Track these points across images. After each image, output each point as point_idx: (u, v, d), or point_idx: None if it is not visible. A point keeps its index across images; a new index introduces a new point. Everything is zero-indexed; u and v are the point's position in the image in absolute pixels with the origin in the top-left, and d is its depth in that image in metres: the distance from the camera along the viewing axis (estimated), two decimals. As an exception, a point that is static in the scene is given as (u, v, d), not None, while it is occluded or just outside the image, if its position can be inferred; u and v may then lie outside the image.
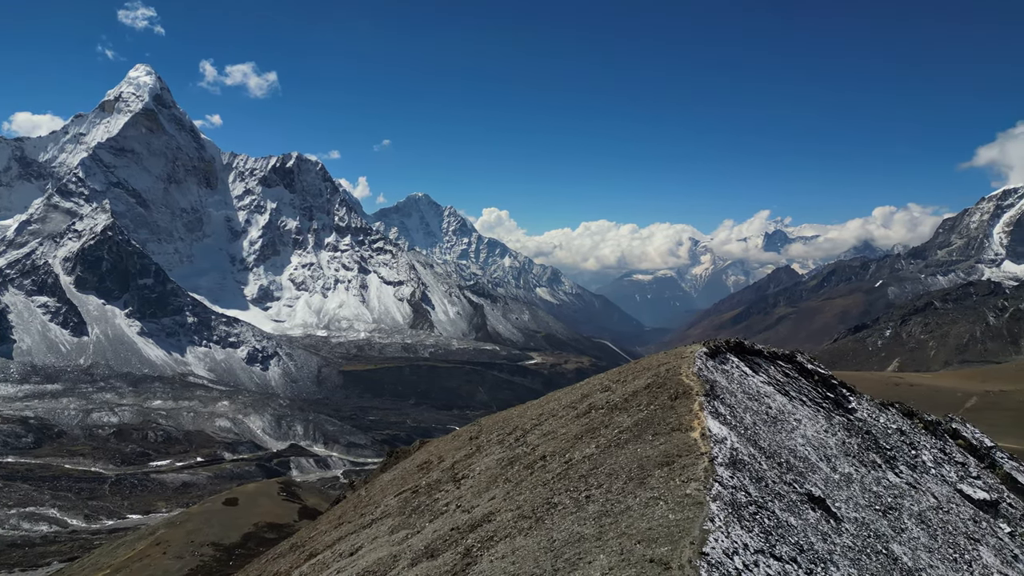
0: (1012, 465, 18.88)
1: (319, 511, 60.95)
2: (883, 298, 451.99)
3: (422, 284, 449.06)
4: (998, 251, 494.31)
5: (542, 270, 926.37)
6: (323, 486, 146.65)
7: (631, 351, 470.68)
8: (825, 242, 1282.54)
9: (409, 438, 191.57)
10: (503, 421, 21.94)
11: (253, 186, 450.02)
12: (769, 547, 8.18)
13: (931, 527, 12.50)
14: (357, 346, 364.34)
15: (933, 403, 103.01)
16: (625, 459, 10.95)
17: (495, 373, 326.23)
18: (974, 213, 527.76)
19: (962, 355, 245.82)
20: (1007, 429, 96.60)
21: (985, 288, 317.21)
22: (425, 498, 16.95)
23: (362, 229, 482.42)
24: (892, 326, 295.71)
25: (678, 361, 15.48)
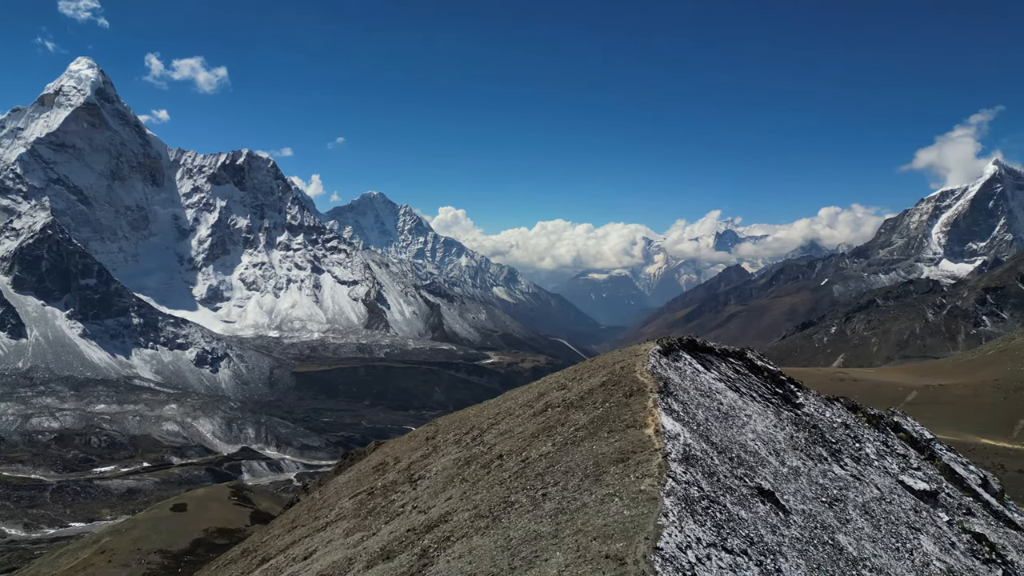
0: (950, 456, 19.68)
1: (272, 515, 59.82)
2: (828, 296, 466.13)
3: (377, 284, 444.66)
4: (936, 250, 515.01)
5: (499, 269, 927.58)
6: (276, 490, 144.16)
7: (587, 349, 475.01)
8: (774, 242, 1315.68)
9: (364, 439, 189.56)
10: (460, 421, 21.90)
11: (202, 183, 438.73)
12: (721, 540, 8.35)
13: (874, 517, 12.94)
14: (311, 347, 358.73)
15: (876, 397, 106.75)
16: (581, 456, 11.04)
17: (452, 373, 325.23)
18: (914, 214, 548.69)
19: (903, 351, 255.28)
20: (945, 422, 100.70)
21: (924, 286, 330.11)
22: (381, 500, 16.80)
23: (315, 228, 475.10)
24: (837, 323, 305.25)
25: (632, 359, 15.67)
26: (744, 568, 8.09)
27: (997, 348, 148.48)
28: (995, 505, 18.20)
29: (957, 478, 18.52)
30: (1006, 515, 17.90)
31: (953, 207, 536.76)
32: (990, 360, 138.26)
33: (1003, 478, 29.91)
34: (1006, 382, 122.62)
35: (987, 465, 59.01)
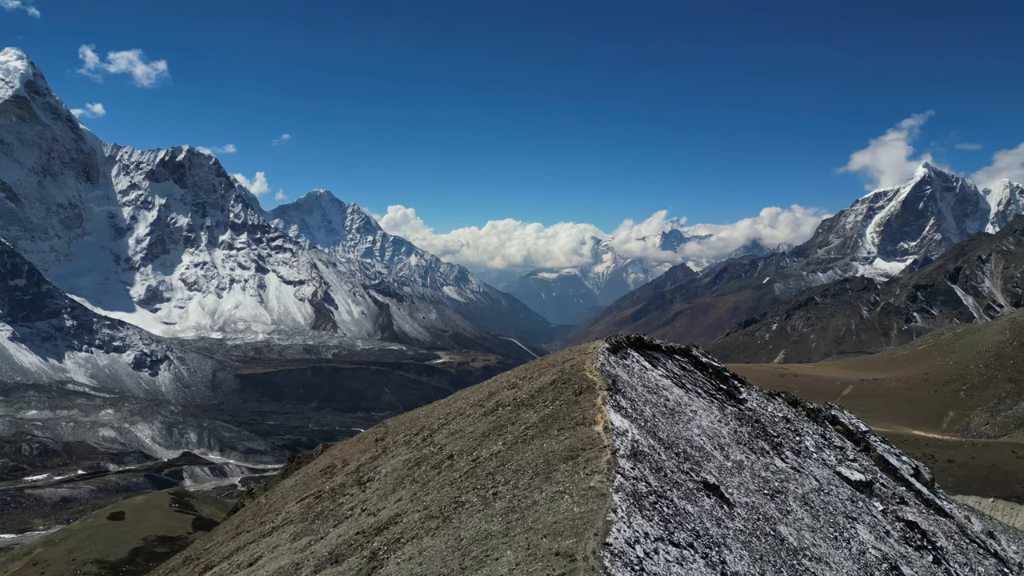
0: (884, 448, 20.50)
1: (215, 521, 58.22)
2: (770, 294, 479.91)
3: (324, 283, 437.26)
4: (870, 249, 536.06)
5: (449, 269, 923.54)
6: (220, 495, 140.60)
7: (537, 348, 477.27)
8: (718, 241, 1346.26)
9: (312, 442, 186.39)
10: (410, 421, 21.73)
11: (139, 180, 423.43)
12: (668, 534, 8.51)
13: (814, 508, 13.38)
14: (255, 348, 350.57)
15: (814, 392, 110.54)
16: (531, 455, 11.09)
17: (402, 373, 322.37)
18: (849, 214, 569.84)
19: (840, 346, 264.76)
20: (879, 414, 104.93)
21: (859, 284, 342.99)
22: (329, 503, 16.54)
23: (260, 227, 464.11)
24: (778, 320, 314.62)
25: (582, 357, 15.83)
26: (690, 561, 8.27)
27: (927, 343, 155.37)
28: (926, 494, 19.05)
29: (891, 468, 19.30)
30: (936, 503, 18.76)
31: (886, 208, 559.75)
32: (921, 355, 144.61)
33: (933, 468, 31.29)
34: (935, 376, 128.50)
35: (918, 455, 61.74)
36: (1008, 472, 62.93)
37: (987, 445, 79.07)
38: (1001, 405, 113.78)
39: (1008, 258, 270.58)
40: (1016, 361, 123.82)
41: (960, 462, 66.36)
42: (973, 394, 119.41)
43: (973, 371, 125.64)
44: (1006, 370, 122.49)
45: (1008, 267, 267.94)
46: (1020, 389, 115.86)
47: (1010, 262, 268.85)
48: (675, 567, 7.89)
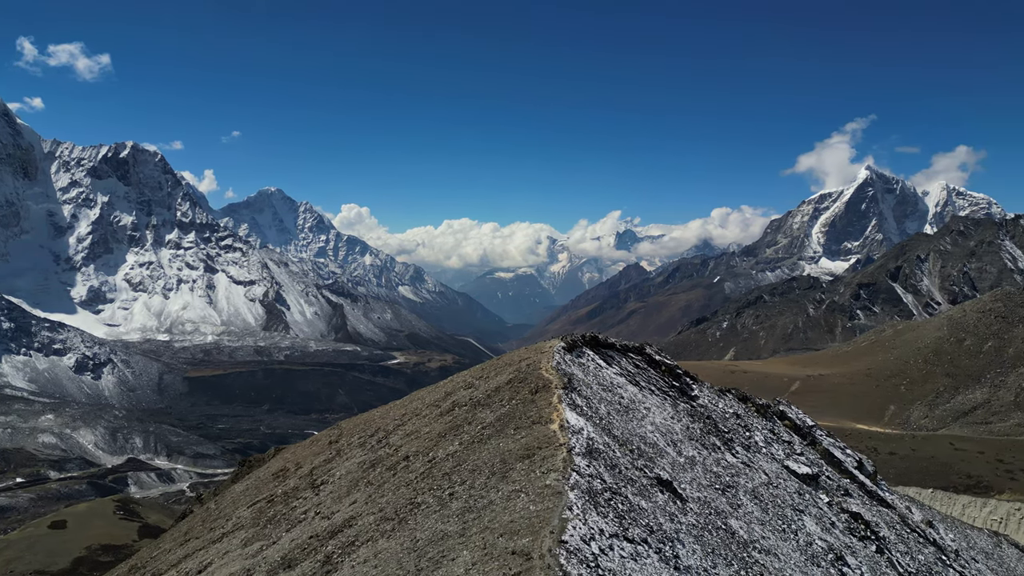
0: (829, 442, 21.15)
1: (163, 528, 56.61)
2: (721, 293, 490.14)
3: (276, 283, 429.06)
4: (816, 249, 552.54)
5: (405, 268, 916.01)
6: (167, 501, 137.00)
7: (494, 348, 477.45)
8: (670, 241, 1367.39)
9: (263, 445, 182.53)
10: (365, 423, 21.49)
11: (81, 177, 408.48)
12: (623, 530, 8.62)
13: (763, 502, 13.72)
14: (204, 350, 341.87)
15: (763, 388, 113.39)
16: (488, 454, 11.10)
17: (356, 374, 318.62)
18: (796, 215, 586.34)
19: (787, 343, 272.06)
20: (825, 409, 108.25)
21: (806, 283, 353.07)
22: (282, 507, 16.24)
23: (208, 225, 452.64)
24: (728, 318, 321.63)
25: (538, 356, 15.90)
26: (644, 556, 8.38)
27: (869, 340, 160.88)
28: (869, 486, 19.73)
29: (836, 461, 19.92)
30: (879, 494, 19.43)
31: (831, 209, 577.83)
32: (863, 351, 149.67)
33: (876, 460, 32.41)
34: (877, 371, 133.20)
35: (861, 448, 63.91)
36: (946, 464, 65.65)
37: (926, 438, 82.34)
38: (939, 399, 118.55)
39: (945, 257, 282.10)
40: (953, 356, 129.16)
41: (901, 454, 68.94)
42: (913, 389, 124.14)
43: (913, 366, 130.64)
44: (944, 365, 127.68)
45: (945, 266, 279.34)
46: (957, 383, 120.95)
47: (947, 261, 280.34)
48: (630, 563, 8.00)
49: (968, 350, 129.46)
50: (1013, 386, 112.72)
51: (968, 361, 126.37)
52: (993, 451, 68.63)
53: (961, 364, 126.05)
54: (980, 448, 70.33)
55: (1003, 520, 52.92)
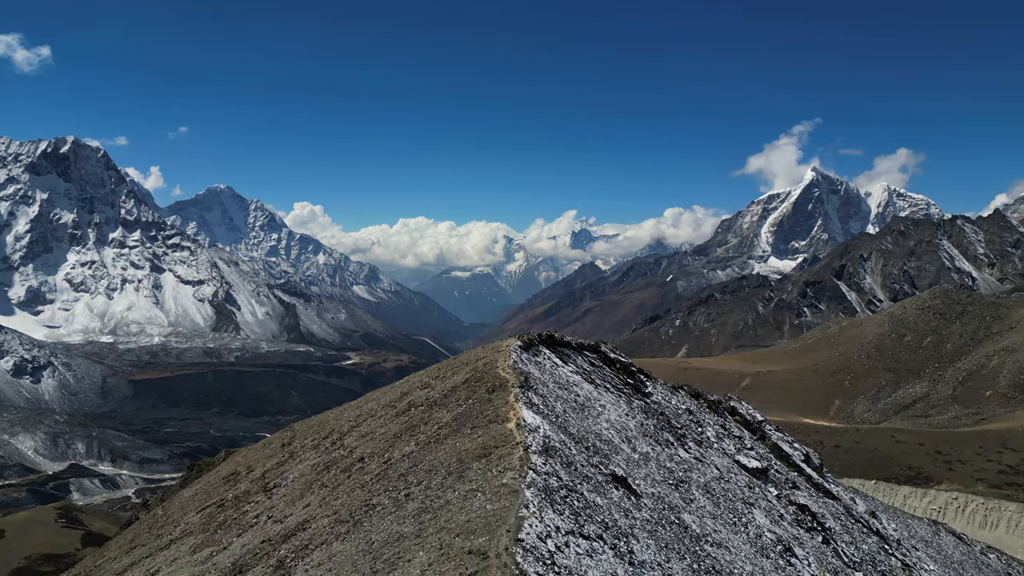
0: (778, 436, 21.70)
1: (107, 536, 54.76)
2: (673, 291, 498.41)
3: (226, 283, 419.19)
4: (765, 248, 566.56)
5: (359, 267, 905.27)
6: (112, 508, 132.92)
7: (450, 347, 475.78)
8: (624, 240, 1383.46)
9: (213, 449, 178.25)
10: (318, 425, 21.18)
11: (18, 174, 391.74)
12: (578, 527, 8.70)
13: (715, 496, 14.01)
14: (150, 352, 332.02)
15: (715, 384, 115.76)
16: (444, 454, 11.07)
17: (309, 375, 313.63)
18: (746, 215, 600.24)
19: (738, 340, 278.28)
20: (774, 404, 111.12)
21: (755, 281, 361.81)
22: (232, 511, 15.90)
23: (154, 224, 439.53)
24: (681, 316, 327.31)
25: (495, 355, 15.91)
26: (600, 552, 8.48)
27: (816, 337, 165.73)
28: (816, 478, 20.32)
29: (784, 455, 20.46)
30: (825, 487, 20.04)
31: (779, 209, 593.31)
32: (810, 348, 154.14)
33: (822, 453, 33.44)
34: (823, 367, 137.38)
35: (808, 442, 65.83)
36: (888, 455, 68.07)
37: (869, 431, 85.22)
38: (881, 393, 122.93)
39: (887, 256, 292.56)
40: (894, 352, 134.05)
41: (846, 447, 71.20)
42: (856, 383, 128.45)
43: (856, 362, 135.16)
44: (885, 360, 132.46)
45: (887, 265, 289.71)
46: (898, 378, 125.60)
47: (888, 260, 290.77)
48: (585, 559, 8.07)
49: (908, 346, 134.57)
50: (951, 380, 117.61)
51: (908, 356, 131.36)
52: (932, 443, 71.44)
53: (902, 359, 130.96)
54: (920, 440, 73.14)
55: (941, 509, 55.19)
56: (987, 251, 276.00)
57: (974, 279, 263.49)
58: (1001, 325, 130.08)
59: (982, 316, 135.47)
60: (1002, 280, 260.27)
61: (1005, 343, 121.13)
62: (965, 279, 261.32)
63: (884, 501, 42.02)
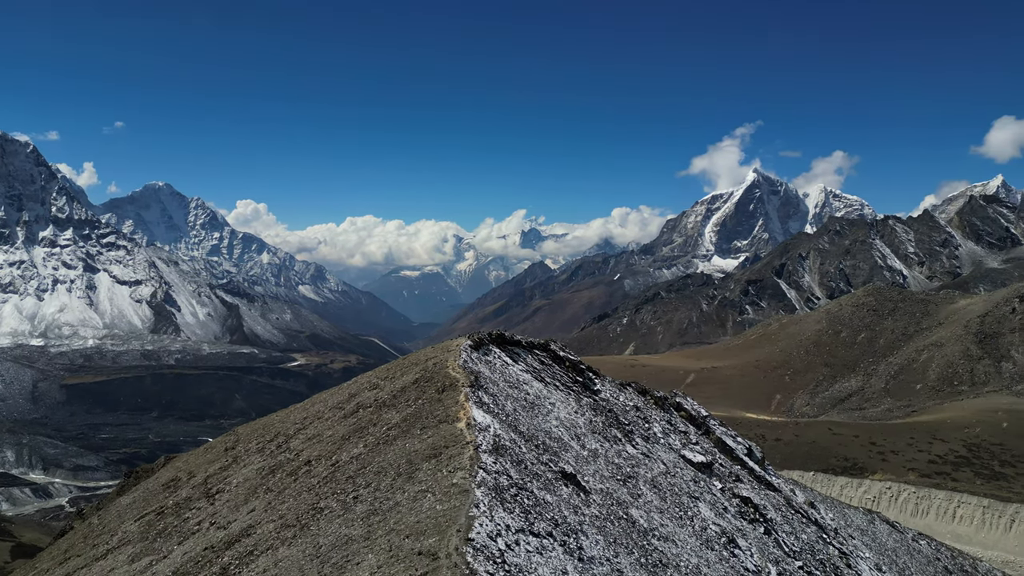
0: (722, 431, 22.25)
1: (39, 547, 52.32)
2: (621, 290, 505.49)
3: (165, 283, 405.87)
4: (709, 247, 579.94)
5: (305, 267, 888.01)
6: (44, 518, 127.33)
7: (400, 347, 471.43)
8: (573, 239, 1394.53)
9: (152, 455, 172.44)
10: (263, 428, 20.73)
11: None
12: (528, 525, 8.74)
13: (661, 490, 14.27)
14: (84, 355, 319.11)
15: (661, 381, 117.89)
16: (394, 455, 10.98)
17: (254, 378, 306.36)
18: (690, 215, 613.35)
19: (683, 338, 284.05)
20: (718, 400, 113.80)
21: (700, 280, 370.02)
22: (173, 519, 15.42)
23: (88, 222, 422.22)
24: (628, 314, 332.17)
25: (445, 355, 15.86)
26: (550, 549, 8.54)
27: (757, 333, 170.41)
28: (758, 471, 20.91)
29: (728, 449, 20.99)
30: (766, 479, 20.64)
31: (722, 209, 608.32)
32: (752, 344, 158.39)
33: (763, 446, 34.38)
34: (764, 363, 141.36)
35: (751, 436, 67.66)
36: (825, 448, 70.52)
37: (808, 424, 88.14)
38: (819, 387, 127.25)
39: (824, 255, 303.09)
40: (831, 347, 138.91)
41: (786, 440, 73.46)
42: (796, 378, 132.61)
43: (796, 357, 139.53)
44: (823, 355, 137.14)
45: (824, 263, 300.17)
46: (835, 373, 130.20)
47: (825, 259, 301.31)
48: (535, 556, 8.12)
49: (844, 341, 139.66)
50: (884, 374, 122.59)
51: (844, 352, 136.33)
52: (867, 435, 74.32)
53: (838, 355, 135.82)
54: (855, 432, 76.00)
55: (875, 498, 57.51)
56: (917, 250, 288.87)
57: (905, 277, 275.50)
58: (930, 321, 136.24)
59: (912, 312, 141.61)
60: (931, 278, 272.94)
61: (934, 338, 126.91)
62: (896, 277, 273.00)
63: (822, 492, 43.56)
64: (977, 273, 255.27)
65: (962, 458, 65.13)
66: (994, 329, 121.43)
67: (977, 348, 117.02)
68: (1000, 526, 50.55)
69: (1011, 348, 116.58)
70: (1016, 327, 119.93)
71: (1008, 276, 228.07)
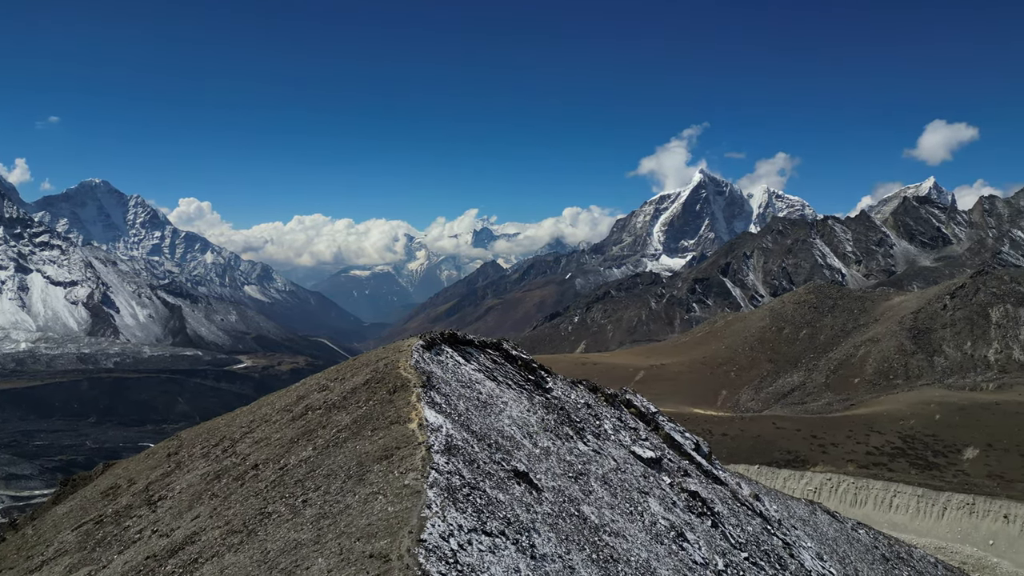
0: (671, 427, 22.66)
1: (-34, 564, 49.75)
2: (572, 289, 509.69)
3: (102, 284, 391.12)
4: (657, 247, 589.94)
5: (251, 267, 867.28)
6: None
7: (350, 348, 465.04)
8: (525, 239, 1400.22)
9: (90, 462, 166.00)
10: (208, 432, 20.20)
11: None
12: (481, 524, 8.75)
13: (612, 487, 14.45)
14: (16, 359, 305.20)
15: (612, 378, 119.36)
16: (344, 458, 10.84)
17: (198, 381, 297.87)
18: (639, 215, 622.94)
19: (632, 335, 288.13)
20: (667, 396, 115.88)
21: (648, 278, 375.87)
22: (113, 527, 14.90)
23: (20, 220, 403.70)
24: (579, 313, 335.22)
25: (396, 355, 15.72)
26: (502, 548, 8.56)
27: (704, 331, 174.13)
28: (705, 465, 21.38)
29: (676, 444, 21.39)
30: (713, 473, 21.11)
31: (669, 209, 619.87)
32: (699, 341, 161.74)
33: (710, 441, 35.19)
34: (711, 360, 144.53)
35: (698, 431, 69.11)
36: (769, 441, 72.52)
37: (753, 418, 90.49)
38: (764, 383, 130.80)
39: (767, 254, 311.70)
40: (775, 344, 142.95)
41: (732, 435, 75.25)
42: (741, 374, 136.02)
43: (741, 354, 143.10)
44: (767, 352, 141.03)
45: (767, 262, 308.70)
46: (778, 368, 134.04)
47: (769, 258, 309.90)
48: (488, 556, 8.13)
49: (787, 338, 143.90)
50: (824, 369, 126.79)
51: (787, 348, 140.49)
52: (808, 428, 76.74)
53: (781, 351, 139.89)
54: (797, 426, 78.39)
55: (817, 490, 59.46)
56: (854, 249, 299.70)
57: (843, 275, 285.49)
58: (867, 317, 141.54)
59: (851, 309, 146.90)
60: (868, 276, 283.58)
61: (870, 334, 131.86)
62: (836, 275, 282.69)
63: (766, 484, 44.78)
64: (911, 271, 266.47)
65: (898, 449, 67.88)
66: (927, 325, 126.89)
67: (911, 343, 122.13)
68: (933, 514, 52.88)
69: (942, 343, 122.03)
70: (947, 323, 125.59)
71: (939, 274, 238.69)
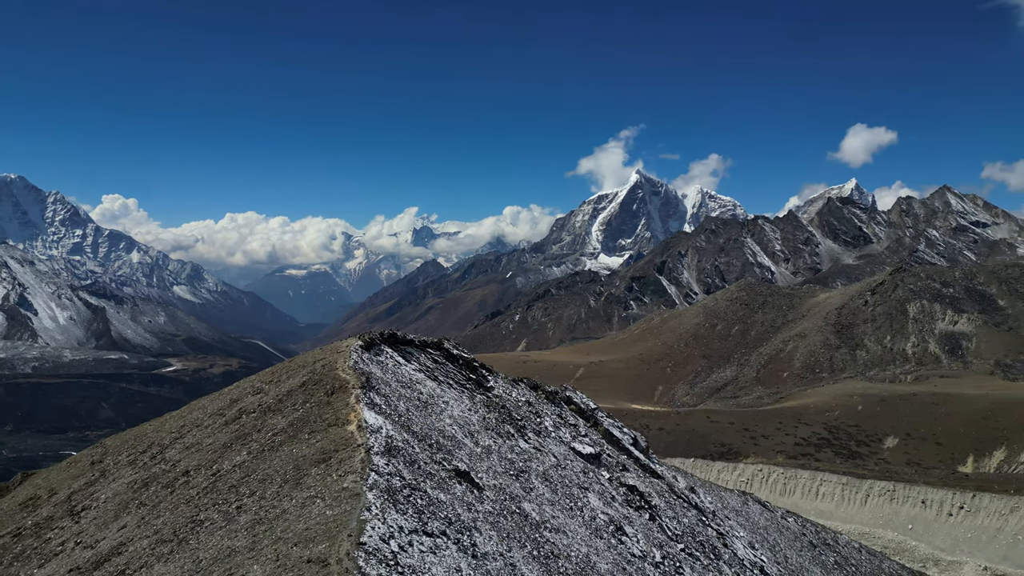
0: (609, 423, 23.03)
1: None
2: (513, 287, 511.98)
3: (19, 285, 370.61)
4: (595, 246, 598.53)
5: (180, 266, 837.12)
6: None
7: (286, 349, 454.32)
8: (466, 238, 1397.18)
9: (8, 472, 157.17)
10: (135, 439, 19.41)
11: None
12: (422, 525, 8.70)
13: (552, 483, 14.60)
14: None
15: (552, 375, 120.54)
16: (280, 462, 10.62)
17: (124, 385, 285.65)
18: (578, 214, 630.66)
19: (572, 333, 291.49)
20: (605, 392, 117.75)
21: (587, 277, 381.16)
22: (32, 540, 14.16)
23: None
24: (520, 311, 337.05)
25: (334, 356, 15.46)
26: (443, 548, 8.54)
27: (641, 328, 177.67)
28: (643, 460, 21.82)
29: (615, 440, 21.76)
30: (651, 467, 21.58)
31: (607, 209, 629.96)
32: (636, 338, 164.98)
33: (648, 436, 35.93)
34: (648, 356, 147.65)
35: (636, 426, 70.54)
36: (704, 435, 74.63)
37: (688, 413, 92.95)
38: (698, 378, 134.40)
39: (701, 253, 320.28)
40: (708, 340, 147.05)
41: (668, 429, 77.09)
42: (677, 370, 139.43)
43: (676, 350, 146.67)
44: (701, 348, 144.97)
45: (701, 260, 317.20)
46: (712, 364, 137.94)
47: (702, 256, 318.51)
48: (429, 556, 8.10)
49: (720, 334, 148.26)
50: (755, 364, 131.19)
51: (720, 344, 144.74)
52: (741, 421, 79.32)
53: (714, 346, 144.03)
54: (731, 419, 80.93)
55: (748, 481, 61.48)
56: (783, 247, 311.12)
57: (773, 273, 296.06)
58: (795, 313, 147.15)
59: (780, 306, 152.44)
60: (795, 273, 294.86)
61: (798, 329, 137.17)
62: (766, 273, 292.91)
63: (701, 477, 46.07)
64: (835, 269, 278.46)
65: (824, 440, 70.91)
66: (849, 320, 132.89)
67: (835, 338, 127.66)
68: (857, 501, 55.45)
69: (864, 337, 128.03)
70: (868, 318, 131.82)
71: (861, 272, 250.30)
